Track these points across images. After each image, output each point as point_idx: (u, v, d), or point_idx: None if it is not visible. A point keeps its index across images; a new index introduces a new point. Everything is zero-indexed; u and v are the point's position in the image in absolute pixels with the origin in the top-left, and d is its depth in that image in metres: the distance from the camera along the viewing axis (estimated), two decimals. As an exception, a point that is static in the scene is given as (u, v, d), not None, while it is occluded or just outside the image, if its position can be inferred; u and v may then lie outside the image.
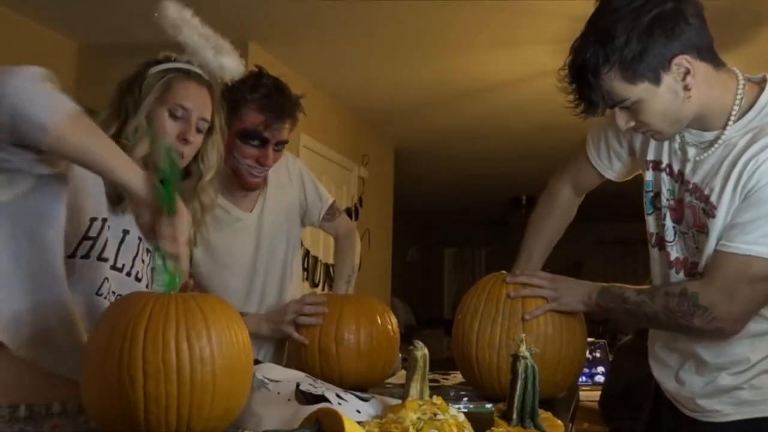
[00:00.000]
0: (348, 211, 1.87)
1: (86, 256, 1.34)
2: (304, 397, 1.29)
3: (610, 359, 3.12)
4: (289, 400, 1.27)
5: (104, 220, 1.36)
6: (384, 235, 5.97)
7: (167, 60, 1.43)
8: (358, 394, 1.33)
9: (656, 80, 1.31)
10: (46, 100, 1.09)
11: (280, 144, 1.86)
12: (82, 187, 1.32)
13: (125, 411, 0.99)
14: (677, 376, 1.51)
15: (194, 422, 1.02)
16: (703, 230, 1.41)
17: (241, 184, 1.88)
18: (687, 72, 1.32)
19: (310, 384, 1.35)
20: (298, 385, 1.33)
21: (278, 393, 1.30)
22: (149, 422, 1.00)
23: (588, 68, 1.32)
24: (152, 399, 0.99)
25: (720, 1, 3.00)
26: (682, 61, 1.31)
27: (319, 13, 3.38)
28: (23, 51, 3.51)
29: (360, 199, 5.20)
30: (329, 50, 3.94)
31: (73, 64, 3.77)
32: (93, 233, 1.34)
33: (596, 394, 2.84)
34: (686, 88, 1.33)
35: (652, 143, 1.51)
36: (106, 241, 1.36)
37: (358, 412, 1.24)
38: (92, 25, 3.59)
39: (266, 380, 1.35)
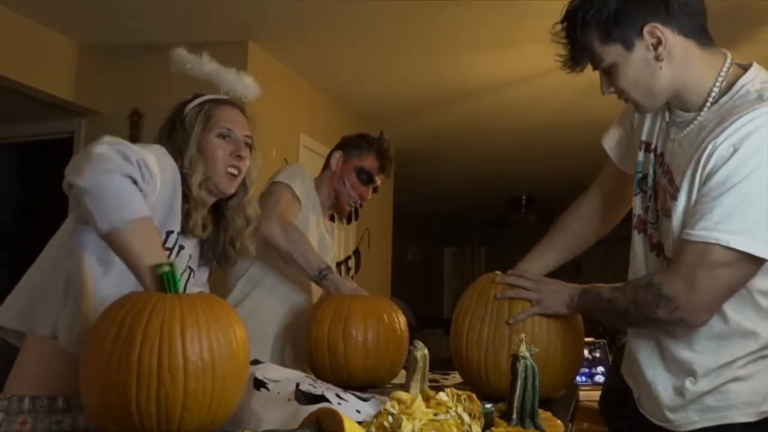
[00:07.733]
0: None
1: None
2: (304, 397, 1.29)
3: (610, 359, 3.11)
4: (289, 400, 1.27)
5: (179, 234, 1.48)
6: (384, 235, 5.97)
7: (198, 97, 1.58)
8: (358, 394, 1.34)
9: (629, 45, 1.34)
10: (115, 209, 1.16)
11: (375, 191, 2.35)
12: (161, 202, 1.40)
13: (161, 409, 1.02)
14: (645, 381, 1.47)
15: (219, 414, 1.08)
16: (668, 214, 1.38)
17: (336, 206, 2.33)
18: (659, 42, 1.32)
19: (310, 384, 1.35)
20: (298, 385, 1.33)
21: (278, 393, 1.30)
22: (184, 418, 1.04)
23: (571, 23, 1.39)
24: (191, 395, 1.04)
25: (720, 1, 3.02)
26: (654, 30, 1.32)
27: (318, 12, 3.38)
28: (23, 51, 3.51)
29: (360, 199, 5.21)
30: (329, 50, 3.94)
31: (73, 64, 3.77)
32: (169, 244, 1.45)
33: (596, 394, 2.82)
34: (657, 59, 1.33)
35: (646, 123, 1.50)
36: (176, 254, 1.47)
37: (358, 412, 1.24)
38: (92, 25, 3.59)
39: (266, 380, 1.35)
